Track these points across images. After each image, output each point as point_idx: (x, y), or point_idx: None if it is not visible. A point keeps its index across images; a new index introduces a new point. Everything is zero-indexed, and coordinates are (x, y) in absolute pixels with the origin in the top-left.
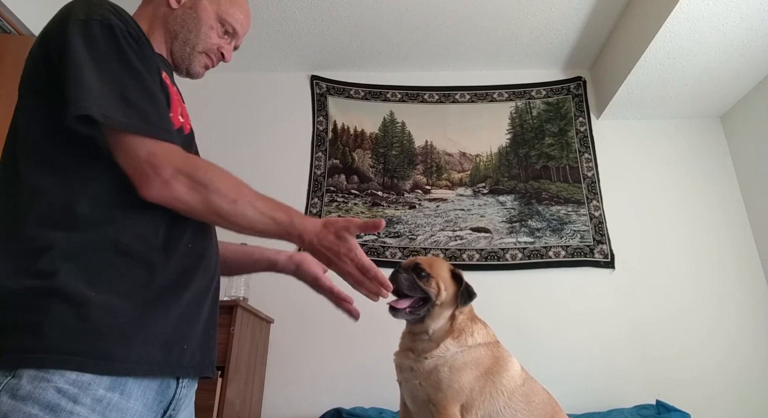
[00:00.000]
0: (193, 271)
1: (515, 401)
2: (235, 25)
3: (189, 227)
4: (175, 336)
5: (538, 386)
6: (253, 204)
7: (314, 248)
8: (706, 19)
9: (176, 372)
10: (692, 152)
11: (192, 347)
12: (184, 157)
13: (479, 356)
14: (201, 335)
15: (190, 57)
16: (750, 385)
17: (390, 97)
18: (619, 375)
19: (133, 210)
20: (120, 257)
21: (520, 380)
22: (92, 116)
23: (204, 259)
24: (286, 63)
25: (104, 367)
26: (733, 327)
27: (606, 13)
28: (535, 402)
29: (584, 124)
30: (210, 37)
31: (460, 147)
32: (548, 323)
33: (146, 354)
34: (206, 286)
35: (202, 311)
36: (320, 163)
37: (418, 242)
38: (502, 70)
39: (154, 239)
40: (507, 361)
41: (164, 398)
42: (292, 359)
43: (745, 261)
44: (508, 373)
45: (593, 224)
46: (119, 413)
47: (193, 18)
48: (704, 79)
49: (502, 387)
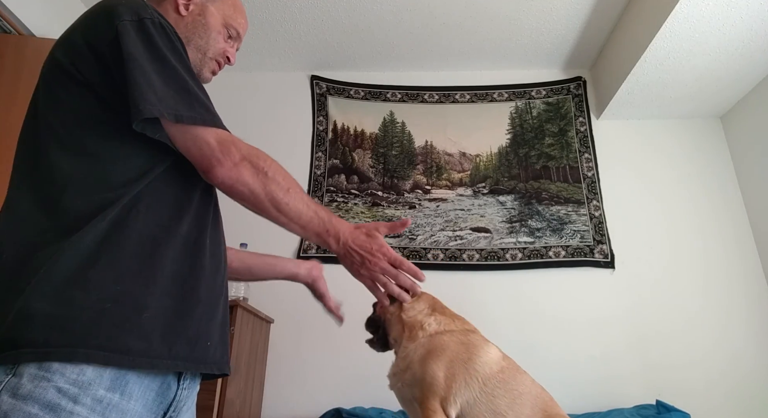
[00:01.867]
0: (213, 268)
1: (491, 386)
2: (239, 28)
3: (208, 224)
4: (200, 332)
5: (526, 377)
6: (302, 197)
7: (347, 247)
8: (705, 19)
9: (200, 368)
10: (692, 152)
11: (214, 343)
12: (248, 146)
13: (439, 344)
14: (219, 332)
15: (202, 63)
16: (753, 387)
17: (390, 97)
18: (619, 375)
19: (157, 204)
20: (145, 252)
21: (497, 367)
22: (164, 117)
23: (220, 258)
24: (286, 63)
25: (127, 361)
26: (733, 327)
27: (606, 14)
28: (519, 391)
29: (584, 124)
30: (218, 43)
31: (460, 147)
32: (548, 322)
33: (168, 350)
34: (221, 284)
35: (219, 307)
36: (320, 163)
37: (418, 242)
38: (502, 70)
39: (177, 235)
40: (479, 347)
41: (164, 400)
42: (292, 359)
43: (745, 261)
44: (481, 359)
45: (593, 223)
46: (119, 414)
47: (203, 24)
48: (704, 80)
49: (475, 373)
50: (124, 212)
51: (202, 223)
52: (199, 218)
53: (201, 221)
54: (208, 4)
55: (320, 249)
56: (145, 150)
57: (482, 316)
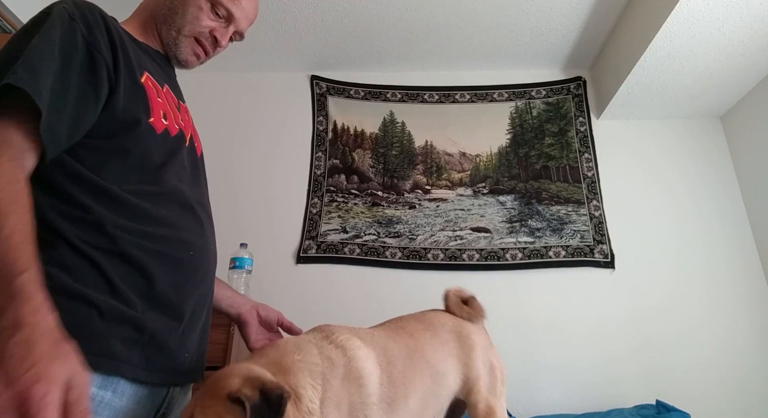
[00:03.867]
0: (194, 277)
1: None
2: (229, 6)
3: (189, 230)
4: (177, 343)
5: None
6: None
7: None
8: (706, 19)
9: (176, 381)
10: (692, 152)
11: (191, 353)
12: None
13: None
14: (198, 341)
15: (176, 42)
16: (755, 390)
17: (390, 97)
18: (619, 375)
19: (129, 211)
20: (118, 262)
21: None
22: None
23: (205, 267)
24: (286, 63)
25: (109, 366)
26: (734, 328)
27: (606, 13)
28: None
29: (584, 124)
30: (199, 19)
31: (460, 147)
32: (548, 323)
33: (146, 359)
34: (205, 293)
35: (202, 317)
36: (320, 163)
37: (418, 242)
38: (502, 70)
39: (150, 242)
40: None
41: (157, 397)
42: None
43: (745, 261)
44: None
45: (593, 223)
46: (111, 411)
47: (181, 0)
48: (704, 79)
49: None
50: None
51: (186, 232)
52: (181, 228)
53: (185, 232)
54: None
55: (320, 249)
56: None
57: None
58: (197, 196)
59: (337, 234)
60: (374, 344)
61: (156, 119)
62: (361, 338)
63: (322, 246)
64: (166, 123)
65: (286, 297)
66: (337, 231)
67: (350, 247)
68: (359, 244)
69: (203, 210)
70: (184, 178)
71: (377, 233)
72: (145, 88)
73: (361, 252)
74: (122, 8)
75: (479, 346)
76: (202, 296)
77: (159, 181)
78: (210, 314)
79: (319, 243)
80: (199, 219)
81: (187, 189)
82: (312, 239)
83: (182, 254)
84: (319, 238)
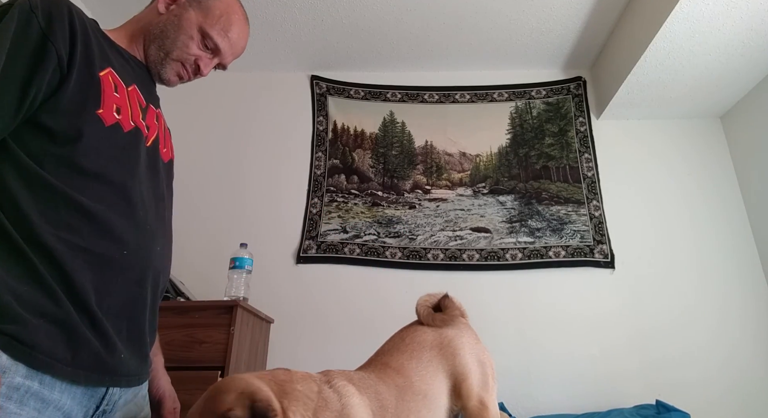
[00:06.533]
0: (125, 277)
1: None
2: (218, 41)
3: (126, 228)
4: (104, 343)
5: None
6: None
7: None
8: (706, 19)
9: (105, 382)
10: (692, 152)
11: (127, 356)
12: None
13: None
14: (137, 343)
15: (163, 63)
16: (751, 386)
17: (390, 97)
18: (619, 376)
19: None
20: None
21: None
22: None
23: (144, 269)
24: (286, 63)
25: (28, 356)
26: (734, 327)
27: (606, 13)
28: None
29: (584, 124)
30: (188, 47)
31: (460, 147)
32: (548, 323)
33: (72, 356)
34: (142, 296)
35: (139, 319)
36: (320, 163)
37: (418, 242)
38: (502, 70)
39: (76, 237)
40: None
41: (95, 393)
42: (292, 359)
43: (745, 261)
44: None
45: (593, 223)
46: (40, 402)
47: (175, 25)
48: (704, 80)
49: None
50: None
51: (119, 229)
52: (114, 224)
53: (118, 230)
54: (190, 9)
55: (320, 249)
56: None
57: (482, 316)
58: (149, 196)
59: (337, 234)
60: (368, 391)
61: (106, 112)
62: (355, 385)
63: (322, 246)
64: (119, 117)
65: (286, 297)
66: (337, 231)
67: (350, 247)
68: (359, 244)
69: (155, 211)
70: (135, 176)
71: (377, 233)
72: (102, 81)
73: (361, 252)
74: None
75: (463, 348)
76: (137, 298)
77: (101, 174)
78: (156, 316)
79: (319, 243)
80: (143, 219)
81: (137, 187)
82: (312, 238)
83: (112, 252)
84: (319, 238)
